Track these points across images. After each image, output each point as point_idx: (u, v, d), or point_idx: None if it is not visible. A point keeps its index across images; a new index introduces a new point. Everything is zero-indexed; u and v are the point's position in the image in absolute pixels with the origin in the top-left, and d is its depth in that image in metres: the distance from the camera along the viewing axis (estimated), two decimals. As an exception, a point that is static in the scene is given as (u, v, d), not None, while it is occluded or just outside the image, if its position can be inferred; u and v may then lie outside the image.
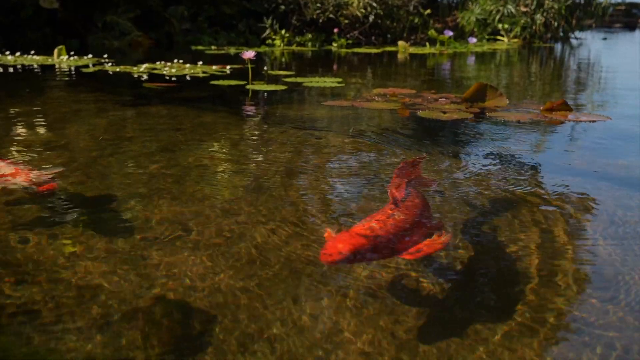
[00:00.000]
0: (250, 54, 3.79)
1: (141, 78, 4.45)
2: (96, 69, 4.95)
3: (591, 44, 10.50)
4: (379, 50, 8.16)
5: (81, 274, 1.17)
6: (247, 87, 3.98)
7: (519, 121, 2.79)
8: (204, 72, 4.79)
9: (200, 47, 7.85)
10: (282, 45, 8.64)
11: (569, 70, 6.28)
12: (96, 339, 0.95)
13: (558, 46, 9.93)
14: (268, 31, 8.66)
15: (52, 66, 5.19)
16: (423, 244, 1.04)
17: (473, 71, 5.93)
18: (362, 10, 8.98)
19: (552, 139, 2.56)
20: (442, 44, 8.76)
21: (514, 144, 2.32)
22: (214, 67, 5.09)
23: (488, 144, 2.36)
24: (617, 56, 8.48)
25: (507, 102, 3.20)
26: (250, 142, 2.42)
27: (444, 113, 2.94)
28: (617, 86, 4.68)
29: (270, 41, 8.73)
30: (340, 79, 4.50)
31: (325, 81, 4.35)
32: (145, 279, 1.15)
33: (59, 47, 5.71)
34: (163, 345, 0.95)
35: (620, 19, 19.61)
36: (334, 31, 8.79)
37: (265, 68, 5.26)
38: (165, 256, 1.25)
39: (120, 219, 1.48)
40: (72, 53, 5.86)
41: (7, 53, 5.73)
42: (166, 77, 4.52)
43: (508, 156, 2.13)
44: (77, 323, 1.00)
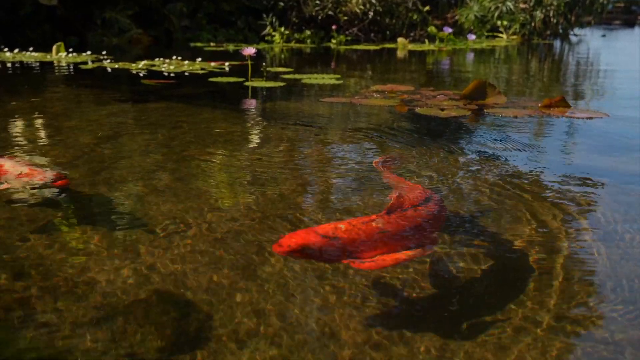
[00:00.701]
0: (250, 50, 3.79)
1: (140, 75, 4.45)
2: (95, 65, 4.95)
3: (590, 41, 10.50)
4: (378, 47, 8.15)
5: (78, 269, 1.17)
6: (246, 84, 3.98)
7: (516, 117, 2.80)
8: (202, 69, 4.79)
9: (199, 44, 7.85)
10: (281, 42, 8.63)
11: (567, 67, 6.29)
12: (93, 334, 0.96)
13: (557, 43, 9.93)
14: (268, 28, 8.65)
15: (50, 63, 5.18)
16: (385, 256, 1.02)
17: (472, 68, 5.93)
18: (361, 7, 8.97)
19: (549, 135, 2.56)
20: (441, 40, 8.76)
21: (511, 141, 2.33)
22: (212, 64, 5.09)
23: (485, 140, 2.36)
24: (615, 53, 8.48)
25: (506, 99, 3.20)
26: (248, 138, 2.43)
27: (442, 110, 2.94)
28: (615, 83, 4.68)
29: (269, 38, 8.72)
30: (339, 76, 4.51)
31: (324, 78, 4.35)
32: (143, 274, 1.16)
33: (58, 43, 5.71)
34: (161, 340, 0.95)
35: (619, 15, 19.61)
36: (332, 28, 8.78)
37: (264, 65, 5.26)
38: (164, 251, 1.26)
39: (118, 214, 1.48)
40: (70, 50, 5.86)
41: (6, 50, 5.73)
42: (165, 73, 4.52)
43: (505, 152, 2.14)
44: (74, 318, 1.00)
